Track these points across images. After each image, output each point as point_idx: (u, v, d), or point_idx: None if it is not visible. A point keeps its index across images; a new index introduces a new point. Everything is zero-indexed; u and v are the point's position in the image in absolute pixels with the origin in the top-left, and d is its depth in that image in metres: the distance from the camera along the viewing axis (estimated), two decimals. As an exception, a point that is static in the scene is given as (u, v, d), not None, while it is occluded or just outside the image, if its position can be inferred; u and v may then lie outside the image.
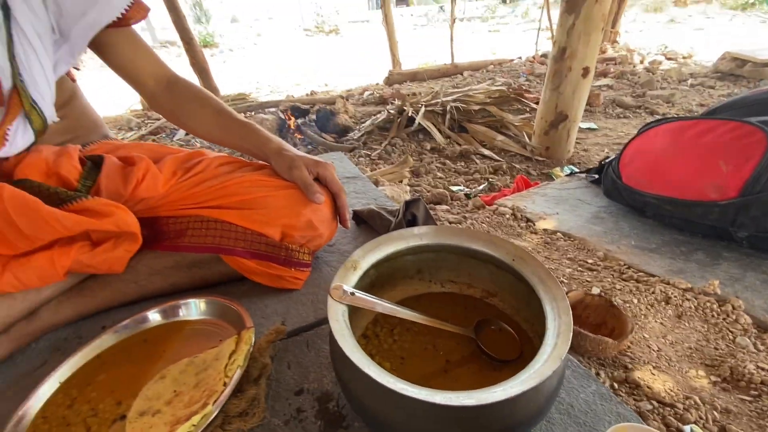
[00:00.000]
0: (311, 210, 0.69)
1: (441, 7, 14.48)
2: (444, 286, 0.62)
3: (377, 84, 4.36)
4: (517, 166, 1.90)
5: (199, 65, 3.70)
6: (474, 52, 6.03)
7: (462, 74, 4.12)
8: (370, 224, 0.82)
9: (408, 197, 1.05)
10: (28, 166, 0.64)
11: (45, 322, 0.63)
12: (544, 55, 4.43)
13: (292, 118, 2.55)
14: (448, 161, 1.99)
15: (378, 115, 2.52)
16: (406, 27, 10.69)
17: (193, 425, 0.41)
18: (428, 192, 1.52)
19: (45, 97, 0.62)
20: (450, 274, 0.62)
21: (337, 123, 2.54)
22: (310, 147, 2.38)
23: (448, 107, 2.39)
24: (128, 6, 0.66)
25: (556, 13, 1.88)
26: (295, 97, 3.65)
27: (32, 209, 0.56)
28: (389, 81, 4.08)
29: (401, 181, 1.51)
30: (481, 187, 1.66)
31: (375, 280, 0.55)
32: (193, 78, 3.74)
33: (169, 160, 0.73)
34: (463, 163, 1.98)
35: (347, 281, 0.49)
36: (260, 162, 0.76)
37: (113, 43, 0.68)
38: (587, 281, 0.86)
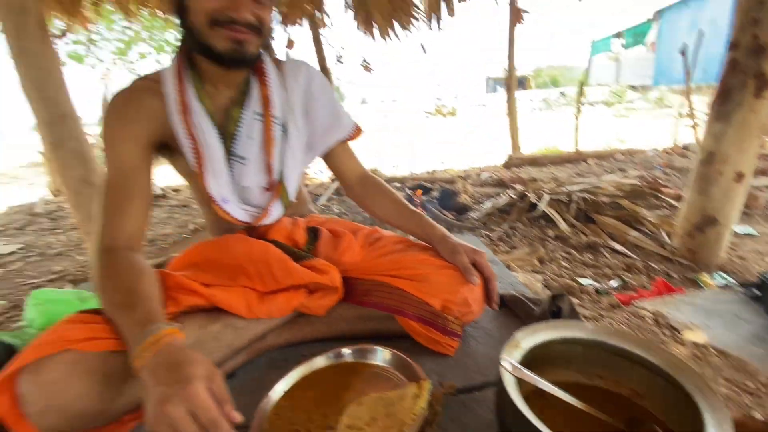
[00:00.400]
0: (467, 289, 0.83)
1: (562, 93, 14.64)
2: (591, 379, 0.69)
3: (495, 166, 4.56)
4: (655, 266, 1.79)
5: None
6: (597, 138, 5.91)
7: (586, 162, 4.08)
8: (512, 308, 0.93)
9: (539, 286, 1.13)
10: (276, 231, 0.93)
11: (268, 343, 0.87)
12: (686, 147, 4.14)
13: (420, 195, 2.84)
14: (573, 251, 1.99)
15: (499, 198, 2.66)
16: (524, 110, 11.04)
17: (396, 445, 0.55)
18: (553, 282, 1.55)
19: (292, 187, 0.93)
20: (598, 370, 0.68)
21: (458, 202, 2.75)
22: (433, 222, 2.61)
23: (574, 197, 2.41)
24: (352, 131, 0.97)
25: (695, 98, 1.85)
26: (417, 175, 4.05)
27: (285, 262, 0.82)
28: (508, 164, 4.25)
29: (531, 269, 1.58)
30: (613, 283, 1.62)
31: (530, 361, 0.65)
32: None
33: (360, 235, 0.98)
34: (590, 255, 1.95)
35: (512, 357, 0.61)
36: (424, 243, 0.95)
37: (334, 152, 0.99)
38: (746, 405, 0.80)
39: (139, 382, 0.65)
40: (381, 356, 0.77)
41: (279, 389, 0.73)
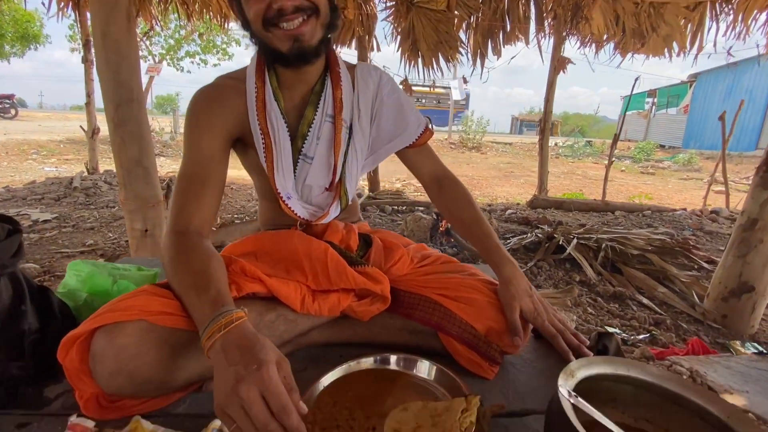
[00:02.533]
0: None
1: (588, 142, 14.69)
2: (637, 422, 0.68)
3: (518, 204, 4.57)
4: (684, 326, 1.75)
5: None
6: (622, 191, 5.88)
7: (613, 213, 4.06)
8: (552, 342, 0.93)
9: (573, 325, 1.13)
10: (332, 234, 0.96)
11: (311, 339, 0.88)
12: (715, 212, 4.09)
13: (445, 222, 2.86)
14: (599, 299, 1.96)
15: (525, 236, 2.66)
16: (549, 154, 11.09)
17: (447, 454, 0.56)
18: (581, 326, 1.53)
19: (351, 189, 0.96)
20: (645, 412, 0.67)
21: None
22: (455, 250, 2.62)
23: (604, 245, 2.40)
24: (418, 137, 0.97)
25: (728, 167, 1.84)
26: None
27: (341, 265, 0.84)
28: (533, 204, 4.26)
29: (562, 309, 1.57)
30: (641, 336, 1.59)
31: (579, 393, 0.65)
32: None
33: (411, 249, 1.00)
34: (617, 305, 1.92)
35: (567, 385, 0.61)
36: (476, 269, 0.96)
37: (406, 153, 1.00)
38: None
39: (200, 360, 0.68)
40: (426, 369, 0.78)
41: (322, 384, 0.74)
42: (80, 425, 0.56)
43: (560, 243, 2.45)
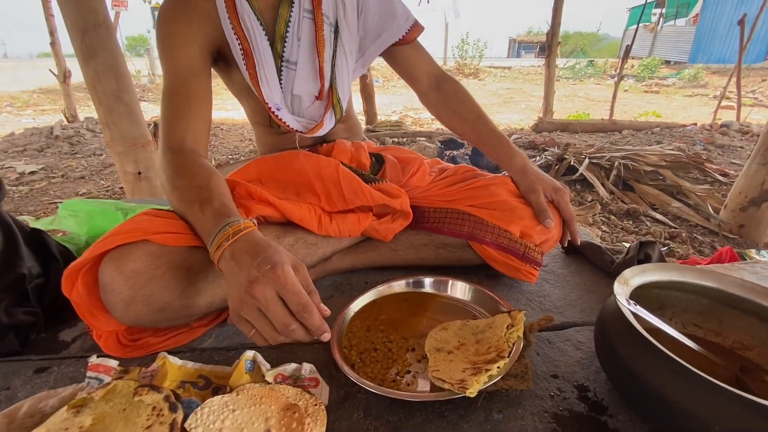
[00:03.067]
0: (541, 228, 0.78)
1: (590, 62, 13.93)
2: (685, 327, 0.65)
3: (522, 129, 4.40)
4: (700, 237, 1.74)
5: (366, 92, 4.24)
6: (627, 110, 5.67)
7: (620, 132, 3.92)
8: (587, 256, 0.89)
9: (597, 241, 1.09)
10: (340, 152, 0.87)
11: (333, 265, 0.84)
12: (725, 125, 3.96)
13: (451, 150, 2.75)
14: (613, 217, 1.93)
15: (534, 159, 2.57)
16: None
17: (498, 367, 0.53)
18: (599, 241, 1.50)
19: (344, 96, 0.85)
20: (694, 318, 0.64)
21: (489, 160, 2.66)
22: (463, 177, 2.54)
23: (616, 163, 2.31)
24: (408, 30, 0.85)
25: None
26: (445, 130, 3.91)
27: (355, 182, 0.77)
28: (538, 128, 4.10)
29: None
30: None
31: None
32: (358, 103, 4.32)
33: (427, 162, 0.92)
34: (631, 222, 1.89)
35: (623, 293, 0.57)
36: (498, 175, 0.88)
37: (396, 53, 0.88)
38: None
39: (219, 281, 0.62)
40: (462, 289, 0.73)
41: (353, 309, 0.70)
42: (102, 365, 0.52)
43: (571, 164, 2.37)
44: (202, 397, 0.51)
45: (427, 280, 0.76)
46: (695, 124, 4.17)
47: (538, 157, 2.60)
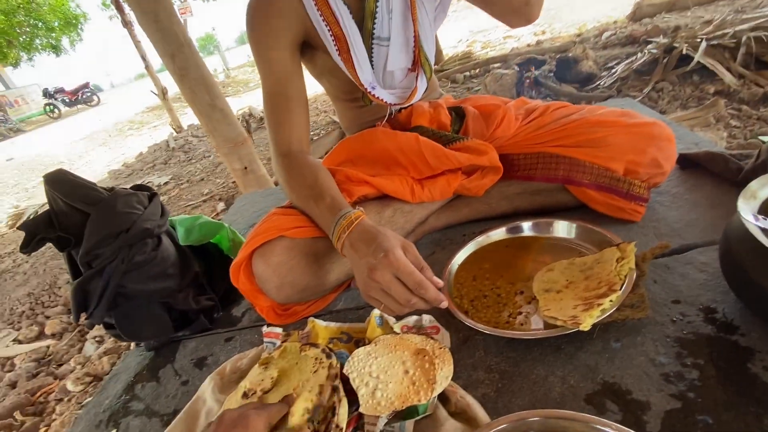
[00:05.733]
0: (656, 148, 0.72)
1: None
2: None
3: (616, 23, 3.75)
4: None
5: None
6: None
7: (751, -8, 3.08)
8: (708, 168, 0.79)
9: (724, 144, 0.94)
10: (419, 116, 0.88)
11: (430, 225, 0.89)
12: None
13: (532, 71, 2.51)
14: (744, 106, 1.61)
15: (635, 57, 2.21)
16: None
17: (611, 301, 0.54)
18: (727, 146, 1.29)
19: (431, 53, 0.83)
20: None
21: (580, 71, 2.37)
22: (550, 100, 2.32)
23: (744, 38, 1.87)
24: None
25: None
26: (519, 49, 3.54)
27: (438, 149, 0.78)
28: (636, 16, 3.45)
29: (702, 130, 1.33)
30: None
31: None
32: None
33: (511, 105, 0.89)
34: (771, 108, 1.56)
35: (750, 208, 0.52)
36: (594, 105, 0.82)
37: None
38: None
39: (341, 261, 0.74)
40: (564, 228, 0.74)
41: (456, 262, 0.76)
42: (272, 332, 0.67)
43: (683, 52, 1.98)
44: (348, 349, 0.63)
45: (526, 224, 0.77)
46: None
47: (639, 54, 2.22)
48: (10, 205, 4.42)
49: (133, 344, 1.02)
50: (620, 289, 0.56)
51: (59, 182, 0.74)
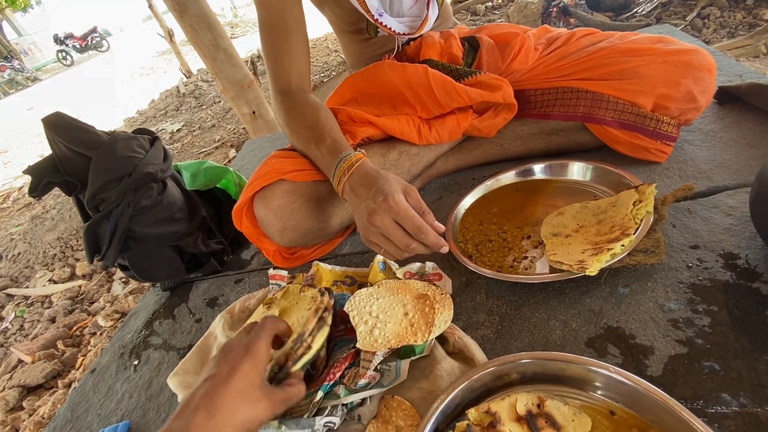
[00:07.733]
0: (693, 80, 0.64)
1: None
2: None
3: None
4: None
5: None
6: None
7: None
8: (750, 102, 0.71)
9: (772, 76, 0.84)
10: (428, 48, 0.81)
11: (438, 169, 0.86)
12: None
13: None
14: (804, 33, 1.42)
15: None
16: None
17: (622, 246, 0.51)
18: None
19: None
20: None
21: (614, -2, 2.12)
22: (577, 32, 2.12)
23: (816, -51, 1.61)
24: None
25: None
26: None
27: (448, 84, 0.72)
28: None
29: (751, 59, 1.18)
30: None
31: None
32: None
33: (531, 34, 0.80)
34: (836, 34, 1.37)
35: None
36: (624, 32, 0.73)
37: None
38: None
39: (344, 204, 0.72)
40: (579, 170, 0.69)
41: (463, 206, 0.73)
42: (278, 275, 0.68)
43: (738, -29, 1.73)
44: (351, 291, 0.63)
45: (537, 167, 0.73)
46: None
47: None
48: (36, 155, 4.54)
49: (149, 284, 1.07)
50: (634, 234, 0.53)
51: (58, 126, 0.72)
